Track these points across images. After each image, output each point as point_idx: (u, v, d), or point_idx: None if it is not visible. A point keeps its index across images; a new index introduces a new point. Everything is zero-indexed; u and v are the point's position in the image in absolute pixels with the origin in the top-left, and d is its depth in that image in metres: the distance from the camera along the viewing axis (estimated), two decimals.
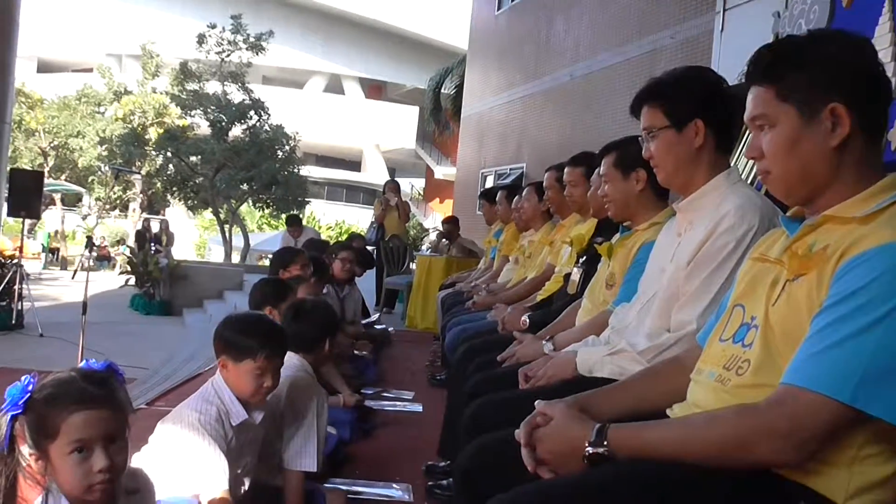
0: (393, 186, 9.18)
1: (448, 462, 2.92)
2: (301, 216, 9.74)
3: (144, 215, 19.85)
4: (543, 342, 2.36)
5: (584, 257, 3.00)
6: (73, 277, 18.35)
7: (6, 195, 9.03)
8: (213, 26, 18.31)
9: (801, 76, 1.23)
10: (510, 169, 13.47)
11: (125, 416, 1.41)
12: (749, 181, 3.18)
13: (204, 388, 2.13)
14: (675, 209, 1.94)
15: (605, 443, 1.21)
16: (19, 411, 1.36)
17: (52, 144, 23.45)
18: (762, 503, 1.13)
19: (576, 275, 2.99)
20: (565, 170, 3.43)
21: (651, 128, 1.86)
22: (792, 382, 1.10)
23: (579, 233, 3.23)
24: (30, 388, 1.36)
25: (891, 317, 1.05)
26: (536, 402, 1.35)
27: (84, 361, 1.45)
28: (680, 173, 1.86)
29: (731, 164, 1.89)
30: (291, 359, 2.57)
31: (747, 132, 4.85)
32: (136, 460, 2.16)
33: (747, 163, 4.72)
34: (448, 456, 2.90)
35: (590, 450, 1.21)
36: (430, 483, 2.79)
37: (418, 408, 4.23)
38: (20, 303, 8.76)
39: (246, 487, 2.15)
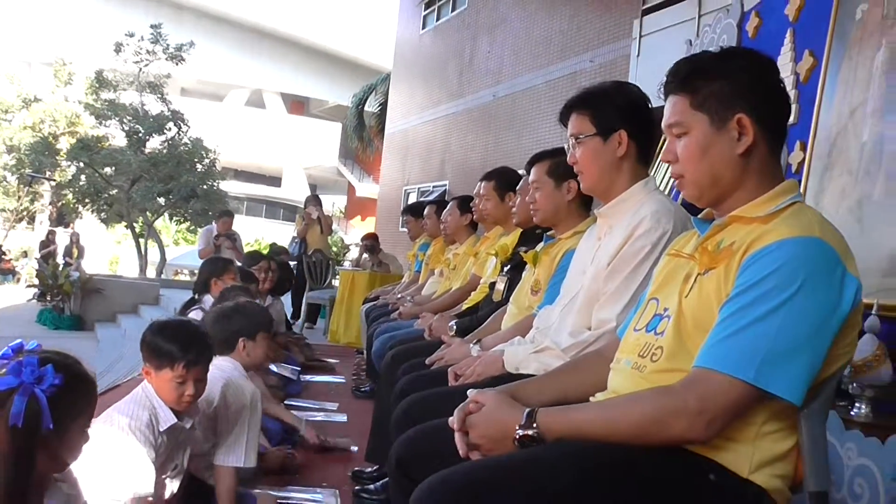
0: (315, 200, 9.19)
1: (376, 467, 2.95)
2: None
3: (51, 228, 19.11)
4: (471, 345, 2.43)
5: (509, 266, 3.10)
6: None
7: None
8: (132, 34, 17.83)
9: (712, 87, 1.36)
10: (433, 186, 13.60)
11: None
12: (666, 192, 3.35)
13: (135, 392, 2.11)
14: (596, 214, 2.05)
15: (535, 425, 1.28)
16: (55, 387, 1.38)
17: None
18: (676, 477, 1.22)
19: (501, 283, 3.09)
20: (479, 184, 3.58)
21: (578, 134, 1.96)
22: (702, 365, 1.21)
23: (503, 243, 3.33)
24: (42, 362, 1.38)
25: (788, 304, 1.17)
26: (469, 391, 1.41)
27: (7, 349, 1.43)
28: (603, 180, 1.97)
29: (649, 174, 2.02)
30: (222, 362, 2.55)
31: (663, 146, 5.08)
32: None
33: (665, 172, 4.96)
34: (376, 460, 2.93)
35: (520, 432, 1.28)
36: (357, 488, 2.81)
37: (343, 418, 4.24)
38: None
39: (174, 490, 2.14)
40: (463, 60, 12.87)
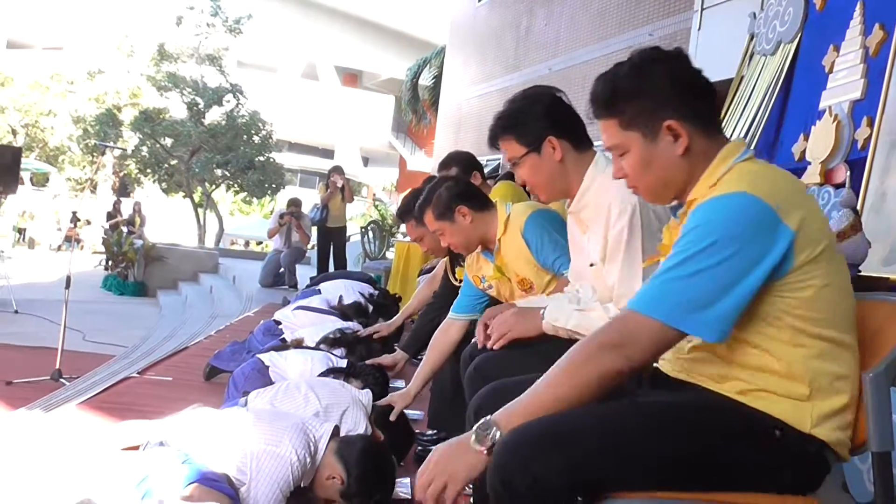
0: (339, 169, 9.55)
1: (435, 431, 3.07)
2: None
3: (116, 198, 19.72)
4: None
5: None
6: (58, 250, 18.30)
7: None
8: (192, 7, 18.17)
9: (635, 106, 1.43)
10: (487, 160, 13.61)
11: None
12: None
13: (306, 428, 2.18)
14: (568, 213, 2.11)
15: (494, 430, 1.32)
16: None
17: (21, 123, 23.11)
18: (741, 432, 1.31)
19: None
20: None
21: (514, 158, 2.04)
22: (628, 307, 1.32)
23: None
24: None
25: (695, 258, 1.26)
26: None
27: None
28: (556, 186, 2.03)
29: (595, 153, 2.06)
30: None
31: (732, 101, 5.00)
32: (187, 417, 2.28)
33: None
34: (437, 426, 3.05)
35: (477, 447, 1.32)
36: (419, 448, 2.93)
37: (401, 384, 4.36)
38: None
39: None
40: (519, 33, 12.79)
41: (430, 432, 3.11)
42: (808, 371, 1.30)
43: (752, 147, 4.71)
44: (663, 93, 1.41)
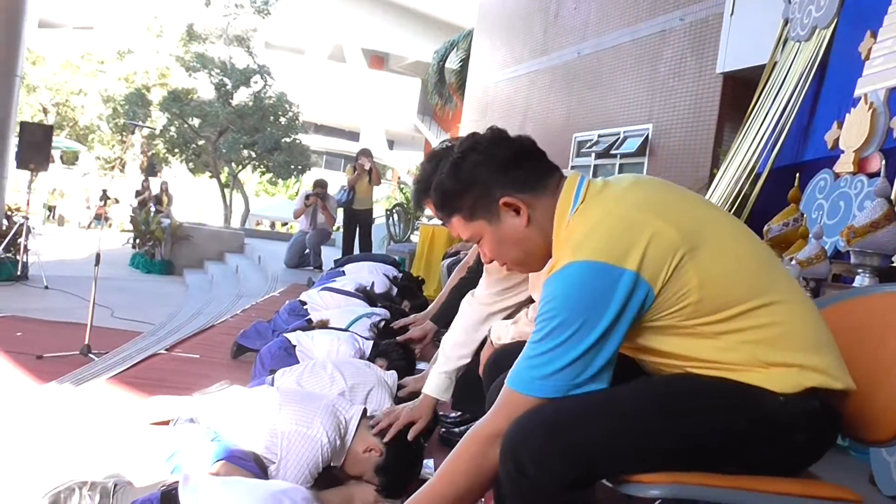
0: (367, 152, 9.62)
1: (459, 413, 3.08)
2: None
3: (145, 177, 19.94)
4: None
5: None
6: (87, 227, 18.60)
7: (15, 148, 9.11)
8: None
9: (467, 200, 1.49)
10: None
11: None
12: None
13: (336, 410, 2.18)
14: None
15: None
16: None
17: (52, 101, 23.39)
18: (746, 403, 1.30)
19: None
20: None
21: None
22: (507, 384, 1.38)
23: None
24: None
25: (552, 334, 1.30)
26: None
27: None
28: None
29: None
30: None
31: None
32: (217, 394, 2.30)
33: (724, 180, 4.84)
34: (461, 407, 3.06)
35: None
36: (442, 430, 2.94)
37: (424, 366, 4.38)
38: (25, 255, 8.88)
39: None
40: (548, 17, 12.68)
41: (453, 414, 3.12)
42: (748, 353, 1.30)
43: (783, 133, 4.66)
44: (485, 177, 1.46)
